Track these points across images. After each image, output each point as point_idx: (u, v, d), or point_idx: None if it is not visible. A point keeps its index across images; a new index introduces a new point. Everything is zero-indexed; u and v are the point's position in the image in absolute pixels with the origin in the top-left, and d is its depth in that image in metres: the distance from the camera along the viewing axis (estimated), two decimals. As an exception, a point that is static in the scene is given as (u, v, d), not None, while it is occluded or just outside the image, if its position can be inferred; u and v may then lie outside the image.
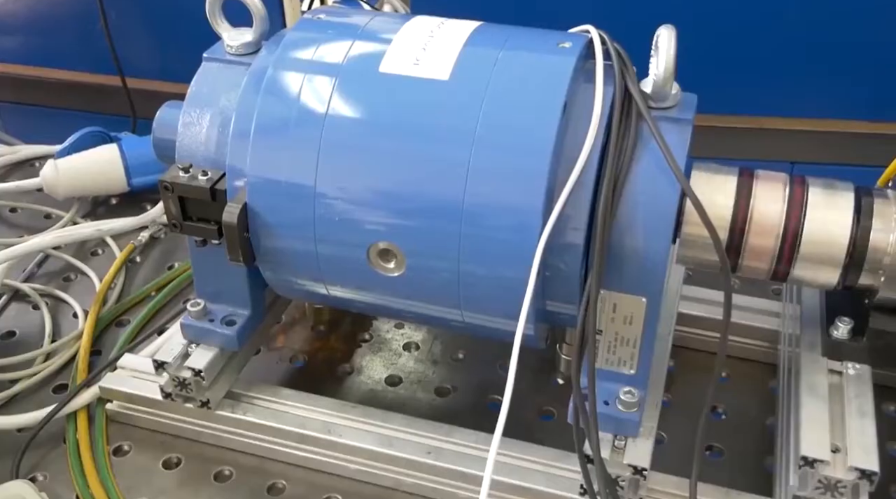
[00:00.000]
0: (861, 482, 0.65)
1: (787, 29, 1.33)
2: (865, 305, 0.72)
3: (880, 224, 0.68)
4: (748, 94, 1.39)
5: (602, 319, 0.72)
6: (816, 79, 1.37)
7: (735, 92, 1.38)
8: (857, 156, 1.40)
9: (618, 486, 0.73)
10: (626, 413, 0.73)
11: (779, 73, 1.36)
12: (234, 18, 0.80)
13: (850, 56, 1.35)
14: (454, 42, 0.71)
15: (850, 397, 0.70)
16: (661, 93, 0.69)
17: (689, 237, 0.71)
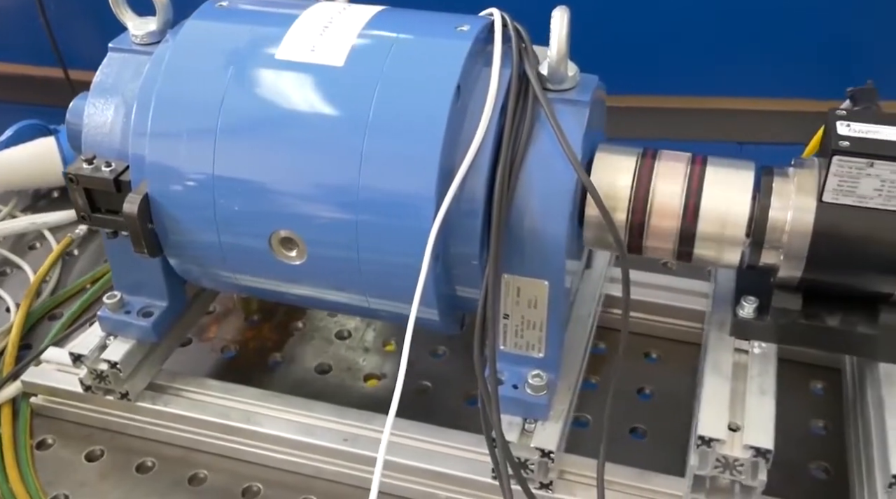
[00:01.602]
0: (758, 461, 0.65)
1: (732, 7, 1.32)
2: (770, 283, 0.72)
3: (778, 202, 0.68)
4: (694, 74, 1.38)
5: (507, 304, 0.72)
6: (763, 57, 1.36)
7: (680, 72, 1.37)
8: (806, 134, 1.40)
9: (527, 469, 0.73)
10: (534, 397, 0.73)
11: (724, 53, 1.35)
12: (142, 8, 0.80)
13: (797, 33, 1.34)
14: (352, 28, 0.71)
15: (753, 375, 0.70)
16: (556, 74, 0.68)
17: (592, 219, 0.71)
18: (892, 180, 0.64)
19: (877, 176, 0.64)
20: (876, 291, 0.68)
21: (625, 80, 1.42)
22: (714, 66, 1.35)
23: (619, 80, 1.42)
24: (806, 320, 0.71)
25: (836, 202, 0.66)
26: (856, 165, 0.64)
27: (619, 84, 1.41)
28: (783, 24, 1.35)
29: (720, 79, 1.38)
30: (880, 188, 0.64)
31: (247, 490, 0.82)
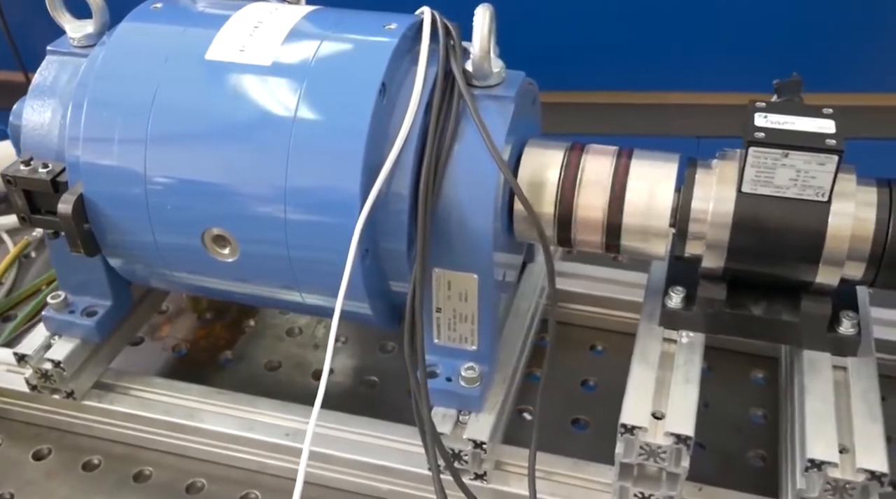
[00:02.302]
0: (680, 447, 0.66)
1: (687, 2, 1.34)
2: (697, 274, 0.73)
3: (701, 193, 0.69)
4: (655, 70, 1.40)
5: (439, 297, 0.73)
6: (721, 52, 1.37)
7: (641, 68, 1.38)
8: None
9: (461, 460, 0.74)
10: (467, 389, 0.74)
11: (683, 47, 1.37)
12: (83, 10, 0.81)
13: (752, 27, 1.36)
14: (281, 28, 0.72)
15: (679, 364, 0.72)
16: (481, 71, 0.70)
17: (520, 213, 0.72)
18: (807, 170, 0.65)
19: (792, 166, 0.65)
20: (797, 280, 0.69)
21: (587, 77, 1.45)
22: (673, 61, 1.36)
23: (582, 76, 1.44)
24: (731, 309, 0.72)
25: (754, 193, 0.67)
26: (771, 156, 0.65)
27: (580, 81, 1.44)
28: (743, 17, 1.37)
29: (679, 74, 1.39)
30: (795, 178, 0.65)
31: (191, 486, 0.83)
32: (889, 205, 0.66)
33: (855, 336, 0.70)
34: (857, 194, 0.66)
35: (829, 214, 0.66)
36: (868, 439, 0.64)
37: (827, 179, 0.65)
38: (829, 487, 0.63)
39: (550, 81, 1.39)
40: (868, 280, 0.68)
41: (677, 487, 0.68)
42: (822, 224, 0.66)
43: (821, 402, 0.68)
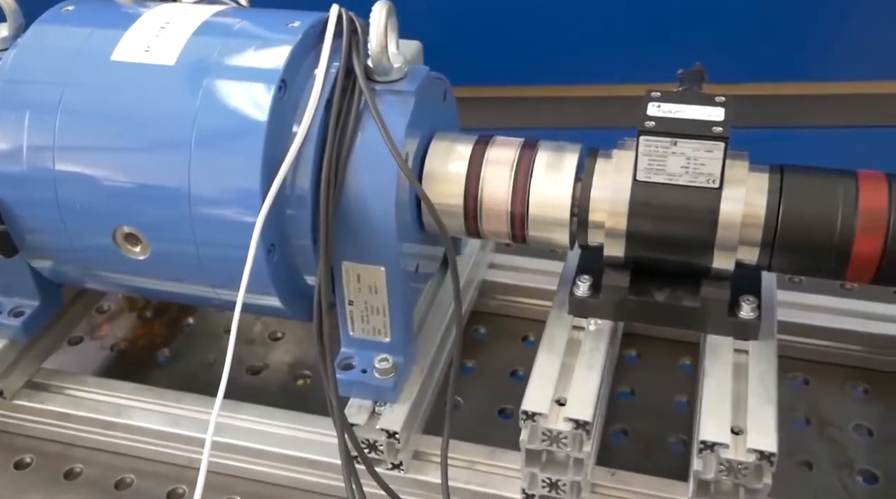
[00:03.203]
0: (579, 433, 0.67)
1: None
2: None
3: (599, 182, 0.70)
4: (608, 63, 1.41)
5: (350, 290, 0.74)
6: (679, 44, 1.39)
7: (600, 61, 1.39)
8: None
9: (377, 450, 0.75)
10: (381, 380, 0.75)
11: (632, 40, 1.38)
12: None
13: (676, 21, 1.37)
14: (187, 28, 0.73)
15: (584, 351, 0.73)
16: (381, 67, 0.71)
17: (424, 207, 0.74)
18: (696, 158, 0.66)
19: (682, 154, 0.66)
20: (695, 265, 0.70)
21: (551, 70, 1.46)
22: (626, 54, 1.37)
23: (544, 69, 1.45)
24: (635, 296, 0.73)
25: (648, 181, 0.68)
26: (661, 144, 0.66)
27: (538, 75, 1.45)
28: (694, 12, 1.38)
29: (631, 66, 1.39)
30: (686, 165, 0.67)
31: (120, 482, 0.84)
32: (780, 190, 0.67)
33: (755, 320, 0.72)
34: (749, 180, 0.68)
35: (721, 200, 0.67)
36: (761, 420, 0.65)
37: (716, 165, 0.66)
38: (723, 467, 0.65)
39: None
40: (764, 264, 0.69)
41: (583, 472, 0.69)
42: (713, 210, 0.67)
43: (718, 385, 0.69)
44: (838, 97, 1.45)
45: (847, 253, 0.66)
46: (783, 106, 1.48)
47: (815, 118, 1.48)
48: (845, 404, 0.88)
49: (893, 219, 0.64)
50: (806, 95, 1.45)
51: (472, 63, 1.41)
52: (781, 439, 0.83)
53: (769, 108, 1.48)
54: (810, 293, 0.95)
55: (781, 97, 1.46)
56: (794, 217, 0.66)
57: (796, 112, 1.49)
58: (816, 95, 1.45)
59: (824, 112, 1.47)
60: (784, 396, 0.89)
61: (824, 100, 1.46)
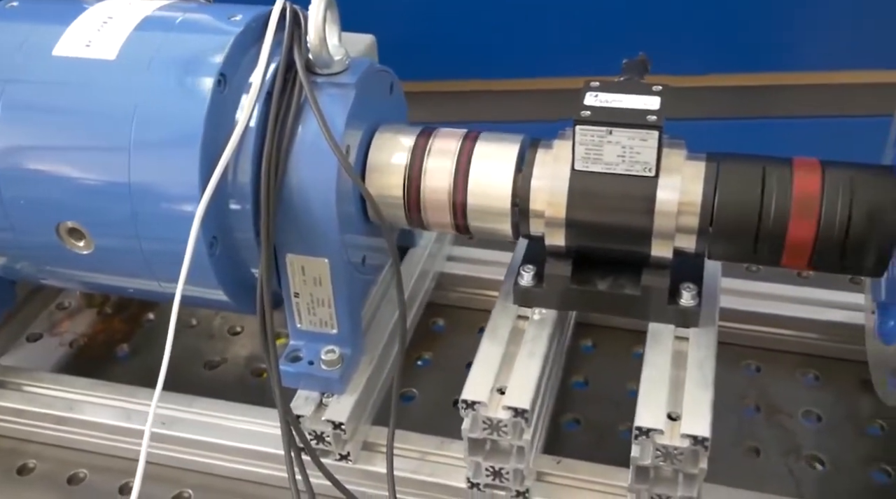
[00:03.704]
0: (518, 421, 0.68)
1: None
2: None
3: (539, 172, 0.71)
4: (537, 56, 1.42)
5: (295, 282, 0.75)
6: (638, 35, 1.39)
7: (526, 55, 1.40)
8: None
9: (323, 441, 0.76)
10: (327, 371, 0.76)
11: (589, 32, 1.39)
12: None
13: (644, 14, 1.37)
14: (130, 22, 0.73)
15: (526, 339, 0.73)
16: (321, 59, 0.71)
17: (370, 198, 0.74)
18: (631, 146, 0.67)
19: (617, 143, 0.67)
20: (635, 253, 0.71)
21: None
22: (594, 48, 1.38)
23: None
24: (578, 285, 0.74)
25: (586, 170, 0.69)
26: (597, 134, 0.67)
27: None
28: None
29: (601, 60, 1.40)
30: (622, 154, 0.67)
31: (73, 477, 0.84)
32: (715, 178, 0.68)
33: (695, 308, 0.72)
34: (685, 169, 0.68)
35: (657, 189, 0.68)
36: (696, 406, 0.66)
37: (651, 154, 0.66)
38: (659, 453, 0.65)
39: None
40: (702, 252, 0.70)
41: (525, 460, 0.70)
42: (650, 198, 0.68)
43: (656, 372, 0.69)
44: (812, 87, 1.46)
45: (781, 239, 0.66)
46: (757, 96, 1.48)
47: (789, 108, 1.49)
48: (796, 391, 0.89)
49: (826, 204, 0.65)
50: (779, 86, 1.46)
51: (437, 57, 1.42)
52: (731, 427, 0.87)
53: (743, 99, 1.49)
54: (766, 282, 0.96)
55: (755, 88, 1.47)
56: (729, 204, 0.67)
57: (770, 102, 1.50)
58: (790, 85, 1.46)
59: (798, 102, 1.48)
60: (736, 384, 0.92)
61: (797, 90, 1.47)
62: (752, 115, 1.51)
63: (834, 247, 0.65)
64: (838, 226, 0.64)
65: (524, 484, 0.72)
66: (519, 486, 0.72)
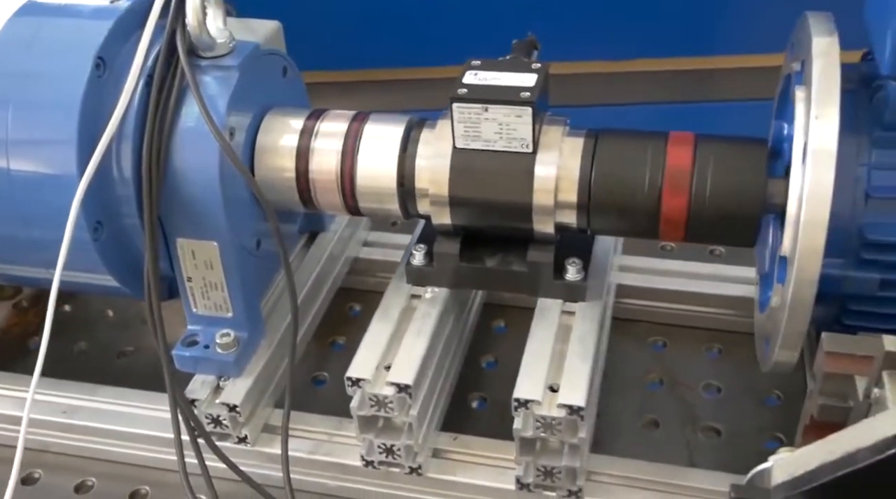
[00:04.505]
0: (403, 396, 0.68)
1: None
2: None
3: (423, 152, 0.71)
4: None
5: (187, 267, 0.75)
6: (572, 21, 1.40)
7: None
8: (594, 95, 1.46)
9: (221, 425, 0.76)
10: (222, 355, 0.76)
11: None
12: None
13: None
14: (10, 8, 0.73)
15: (416, 318, 0.74)
16: (202, 42, 0.71)
17: (261, 181, 0.74)
18: (508, 123, 0.67)
19: (494, 120, 0.67)
20: (520, 230, 0.72)
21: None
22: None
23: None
24: (467, 263, 0.74)
25: (467, 148, 0.69)
26: (474, 111, 0.67)
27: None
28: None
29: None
30: (500, 131, 0.68)
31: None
32: (593, 153, 0.69)
33: (581, 282, 0.73)
34: (563, 145, 0.69)
35: (535, 165, 0.68)
36: (574, 377, 0.67)
37: (527, 130, 0.67)
38: (539, 424, 0.66)
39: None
40: (584, 227, 0.71)
41: (414, 435, 0.71)
42: (528, 174, 0.69)
43: (539, 345, 0.70)
44: (745, 70, 1.48)
45: (656, 212, 0.67)
46: (690, 80, 1.50)
47: (722, 92, 1.51)
48: (699, 365, 0.91)
49: (696, 177, 0.66)
50: (713, 69, 1.48)
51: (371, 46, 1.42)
52: (634, 401, 0.88)
53: (677, 83, 1.50)
54: (678, 260, 0.97)
55: (687, 72, 1.48)
56: (606, 179, 0.68)
57: (703, 86, 1.51)
58: (722, 69, 1.47)
59: (731, 86, 1.50)
60: (642, 360, 0.93)
61: (728, 73, 1.48)
62: (687, 99, 1.52)
63: (706, 218, 0.66)
64: (708, 197, 0.66)
65: (416, 460, 0.73)
66: (412, 462, 0.73)
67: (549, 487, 0.71)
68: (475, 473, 0.74)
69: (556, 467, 0.69)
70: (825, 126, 0.56)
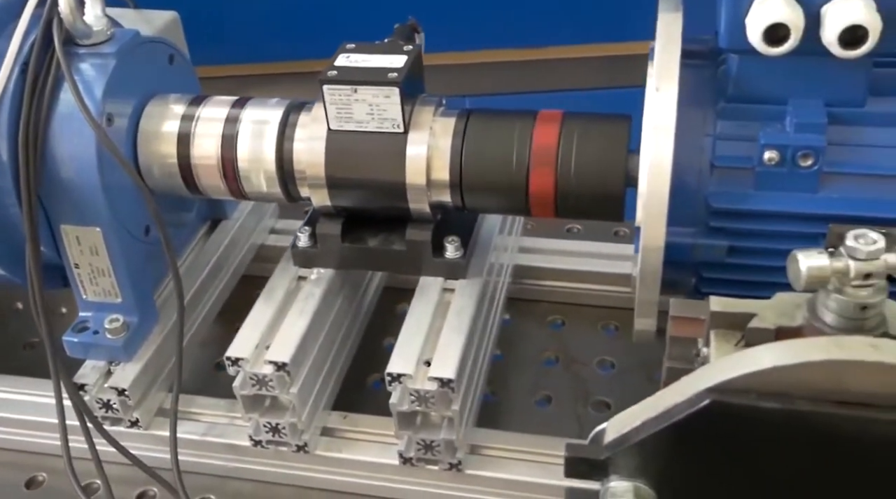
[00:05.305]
0: (282, 374, 0.69)
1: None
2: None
3: (300, 135, 0.73)
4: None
5: (73, 253, 0.76)
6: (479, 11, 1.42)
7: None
8: (525, 83, 1.47)
9: (111, 409, 0.77)
10: (111, 340, 0.76)
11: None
12: None
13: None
14: None
15: (299, 299, 0.75)
16: (77, 30, 0.71)
17: (145, 167, 0.75)
18: (378, 104, 0.69)
19: (364, 100, 0.69)
20: (397, 209, 0.73)
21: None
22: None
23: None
24: (349, 243, 0.76)
25: (341, 129, 0.71)
26: (344, 93, 0.69)
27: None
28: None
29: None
30: (371, 112, 0.69)
31: None
32: (464, 132, 0.70)
33: (460, 260, 0.75)
34: (434, 124, 0.70)
35: (407, 144, 0.70)
36: (446, 351, 0.69)
37: (396, 110, 0.69)
38: (414, 398, 0.68)
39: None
40: (459, 205, 0.72)
41: (297, 413, 0.72)
42: (401, 154, 0.70)
43: (416, 321, 0.72)
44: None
45: (525, 189, 0.69)
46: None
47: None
48: (595, 342, 0.93)
49: (562, 154, 0.68)
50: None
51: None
52: (528, 379, 0.90)
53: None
54: (581, 240, 1.00)
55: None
56: (475, 157, 0.70)
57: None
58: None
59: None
60: (540, 338, 0.95)
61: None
62: (599, 86, 1.52)
63: (572, 194, 0.68)
64: (573, 174, 0.67)
65: (302, 438, 0.74)
66: (298, 440, 0.74)
67: (430, 460, 0.72)
68: (362, 449, 0.76)
69: (435, 440, 0.70)
70: (664, 98, 0.58)
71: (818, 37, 0.56)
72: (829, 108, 0.59)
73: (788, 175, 0.59)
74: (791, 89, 0.60)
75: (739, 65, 0.60)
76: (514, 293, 0.97)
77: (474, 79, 1.45)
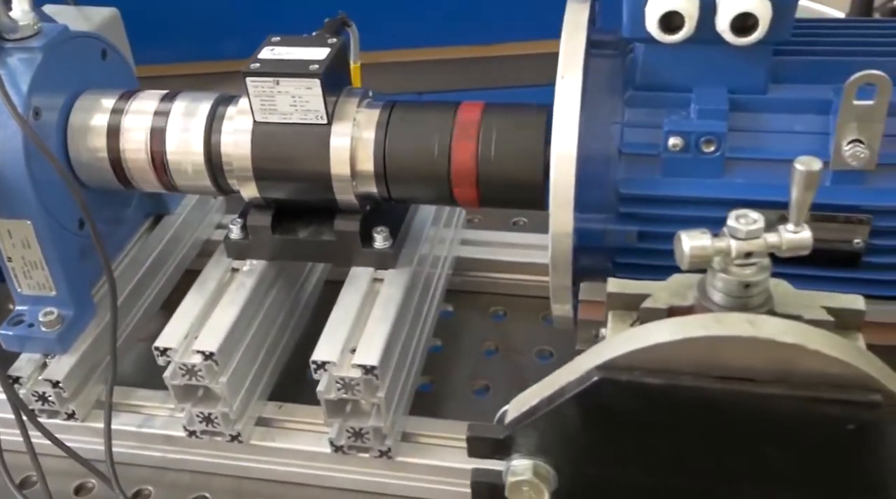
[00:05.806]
0: (210, 364, 0.70)
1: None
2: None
3: (228, 128, 0.73)
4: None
5: (5, 247, 0.76)
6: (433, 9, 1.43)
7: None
8: (478, 80, 1.49)
9: (47, 401, 0.77)
10: (46, 332, 0.77)
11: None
12: None
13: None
14: None
15: (230, 290, 0.76)
16: (3, 25, 0.72)
17: (76, 161, 0.76)
18: (300, 95, 0.70)
19: (287, 92, 0.70)
20: (325, 200, 0.74)
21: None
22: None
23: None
24: (280, 235, 0.77)
25: (266, 121, 0.72)
26: (267, 85, 0.70)
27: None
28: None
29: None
30: (294, 104, 0.70)
31: None
32: (387, 123, 0.71)
33: (389, 249, 0.76)
34: (358, 116, 0.71)
35: (331, 136, 0.71)
36: (371, 338, 0.70)
37: (318, 102, 0.70)
38: (339, 385, 0.69)
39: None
40: (385, 195, 0.73)
41: (219, 404, 0.73)
42: (325, 146, 0.71)
43: (343, 310, 0.73)
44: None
45: (447, 178, 0.70)
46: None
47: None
48: (535, 332, 0.93)
49: (482, 144, 0.69)
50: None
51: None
52: (468, 369, 0.91)
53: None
54: (525, 232, 1.01)
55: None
56: (398, 148, 0.71)
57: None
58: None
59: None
60: (482, 329, 0.96)
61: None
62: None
63: (493, 183, 0.69)
64: (493, 164, 0.69)
65: (235, 428, 0.75)
66: (231, 430, 0.75)
67: (361, 448, 0.73)
68: (295, 438, 0.76)
69: (364, 427, 0.71)
70: (569, 86, 0.59)
71: (714, 25, 0.57)
72: (731, 95, 0.61)
73: (693, 161, 0.60)
74: (695, 77, 0.61)
75: (645, 54, 0.62)
76: (457, 285, 0.98)
77: (427, 76, 1.46)
